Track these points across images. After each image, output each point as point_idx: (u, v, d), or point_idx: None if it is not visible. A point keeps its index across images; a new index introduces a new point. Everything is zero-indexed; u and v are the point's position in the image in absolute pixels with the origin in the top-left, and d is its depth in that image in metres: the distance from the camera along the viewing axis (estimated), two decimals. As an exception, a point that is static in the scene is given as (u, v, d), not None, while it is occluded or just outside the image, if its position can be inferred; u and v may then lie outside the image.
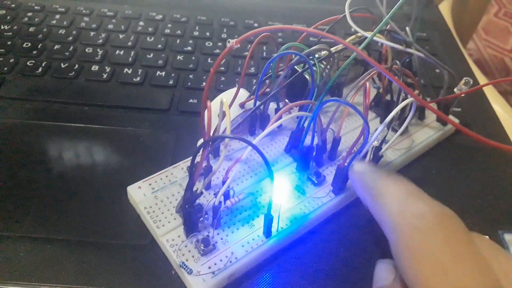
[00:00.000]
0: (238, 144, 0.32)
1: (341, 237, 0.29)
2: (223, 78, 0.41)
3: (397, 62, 0.29)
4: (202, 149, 0.22)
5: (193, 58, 0.43)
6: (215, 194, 0.25)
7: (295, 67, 0.31)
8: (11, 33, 0.44)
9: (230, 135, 0.21)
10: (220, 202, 0.25)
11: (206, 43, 0.45)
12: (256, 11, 0.52)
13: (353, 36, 0.32)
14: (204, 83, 0.40)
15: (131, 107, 0.37)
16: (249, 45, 0.45)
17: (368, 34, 0.28)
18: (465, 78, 0.34)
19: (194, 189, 0.24)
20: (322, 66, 0.32)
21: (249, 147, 0.22)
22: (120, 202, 0.29)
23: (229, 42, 0.23)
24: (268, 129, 0.24)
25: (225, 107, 0.23)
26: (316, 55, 0.31)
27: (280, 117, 0.25)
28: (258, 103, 0.30)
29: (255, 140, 0.22)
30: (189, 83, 0.40)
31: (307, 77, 0.32)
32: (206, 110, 0.23)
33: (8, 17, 0.46)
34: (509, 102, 0.48)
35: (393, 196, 0.22)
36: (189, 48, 0.44)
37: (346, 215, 0.30)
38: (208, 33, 0.47)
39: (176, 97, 0.38)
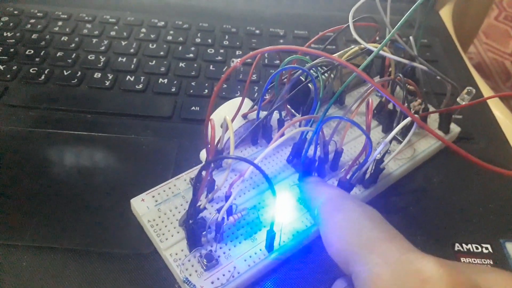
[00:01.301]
0: (241, 154, 0.32)
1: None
2: (225, 86, 0.41)
3: (400, 75, 0.29)
4: (205, 169, 0.22)
5: (195, 65, 0.43)
6: (218, 210, 0.25)
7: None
8: (13, 40, 0.44)
9: (233, 156, 0.21)
10: (223, 218, 0.25)
11: (208, 50, 0.45)
12: (257, 18, 0.52)
13: (356, 48, 0.32)
14: (206, 91, 0.40)
15: (133, 114, 0.37)
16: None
17: (372, 47, 0.28)
18: (467, 87, 0.34)
19: (198, 204, 0.24)
20: (325, 77, 0.32)
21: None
22: (122, 211, 0.29)
23: (233, 61, 0.23)
24: (271, 146, 0.24)
25: (229, 124, 0.23)
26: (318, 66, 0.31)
27: (283, 134, 0.25)
28: (261, 113, 0.30)
29: (257, 158, 0.22)
30: (191, 91, 0.40)
31: (310, 86, 0.32)
32: (210, 127, 0.23)
33: (11, 24, 0.46)
34: (509, 106, 0.48)
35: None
36: (191, 55, 0.44)
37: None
38: (210, 40, 0.47)
39: (179, 104, 0.39)
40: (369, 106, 0.26)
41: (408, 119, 0.25)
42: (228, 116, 0.23)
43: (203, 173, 0.23)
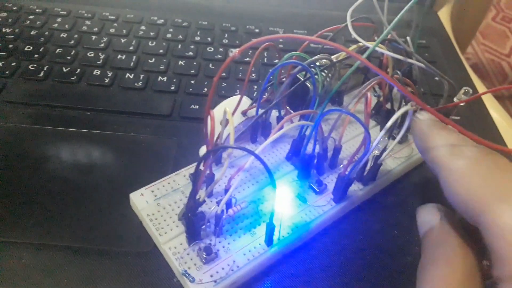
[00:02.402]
0: (241, 152, 0.32)
1: (342, 245, 0.29)
2: (224, 84, 0.41)
3: (398, 72, 0.29)
4: (204, 159, 0.22)
5: (195, 63, 0.43)
6: (218, 203, 0.25)
7: (297, 75, 0.32)
8: (12, 36, 0.44)
9: (233, 145, 0.21)
10: (222, 211, 0.25)
11: (208, 49, 0.45)
12: (257, 17, 0.52)
13: (355, 46, 0.32)
14: (205, 89, 0.40)
15: (132, 112, 0.37)
16: (250, 51, 0.45)
17: (370, 44, 0.28)
18: (464, 87, 0.34)
19: (197, 197, 0.24)
20: (324, 74, 0.32)
21: (252, 156, 0.22)
22: (122, 209, 0.29)
23: (231, 51, 0.23)
24: (270, 139, 0.24)
25: (229, 116, 0.23)
26: (317, 63, 0.31)
27: (282, 127, 0.25)
28: (260, 111, 0.30)
29: (258, 149, 0.23)
30: (191, 89, 0.40)
31: (309, 85, 0.32)
32: (209, 119, 0.23)
33: (10, 20, 0.46)
34: (506, 107, 0.48)
35: (444, 141, 0.23)
36: (191, 53, 0.44)
37: (346, 223, 0.30)
38: (209, 38, 0.47)
39: (178, 102, 0.39)
40: (368, 101, 0.26)
41: (404, 108, 0.25)
42: (228, 109, 0.24)
43: (202, 164, 0.23)
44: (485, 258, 0.21)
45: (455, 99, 0.34)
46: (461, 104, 0.33)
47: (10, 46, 0.43)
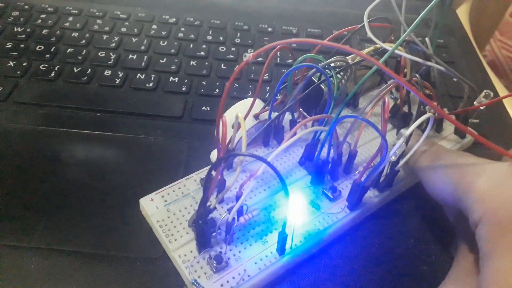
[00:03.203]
0: (252, 155, 0.31)
1: (355, 253, 0.28)
2: (236, 85, 0.40)
3: (417, 75, 0.28)
4: (216, 167, 0.22)
5: (206, 63, 0.42)
6: (229, 210, 0.24)
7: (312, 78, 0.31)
8: (24, 36, 0.44)
9: (245, 152, 0.20)
10: (233, 219, 0.24)
11: (220, 48, 0.45)
12: (270, 15, 0.51)
13: (371, 48, 0.31)
14: (217, 90, 0.39)
15: (143, 114, 0.37)
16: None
17: (388, 47, 0.27)
18: (485, 90, 0.33)
19: (208, 204, 0.24)
20: (339, 76, 0.31)
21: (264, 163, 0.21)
22: (131, 213, 0.28)
23: (245, 56, 0.22)
24: (283, 146, 0.23)
25: (241, 121, 0.23)
26: (332, 64, 0.30)
27: (295, 134, 0.24)
28: (273, 114, 0.29)
29: (270, 157, 0.22)
30: (202, 90, 0.39)
31: (324, 87, 0.32)
32: (221, 125, 0.22)
33: (22, 19, 0.46)
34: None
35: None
36: (203, 53, 0.44)
37: (360, 230, 0.29)
38: (221, 38, 0.46)
39: (189, 104, 0.38)
40: (385, 106, 0.25)
41: (424, 116, 0.24)
42: (240, 114, 0.23)
43: (214, 171, 0.22)
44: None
45: (475, 102, 0.33)
46: (481, 107, 0.32)
47: (22, 45, 0.43)
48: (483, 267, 0.21)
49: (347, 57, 0.33)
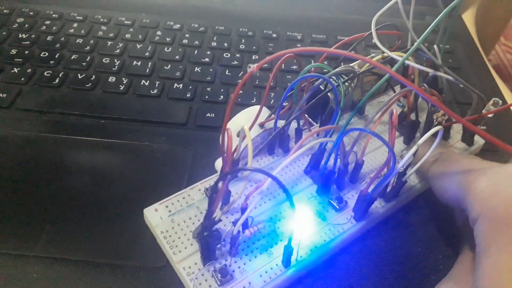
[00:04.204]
0: (257, 164, 0.31)
1: (360, 264, 0.28)
2: (241, 92, 0.40)
3: (425, 85, 0.28)
4: (221, 181, 0.21)
5: (211, 70, 0.42)
6: (234, 223, 0.24)
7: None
8: (28, 42, 0.44)
9: (251, 167, 0.20)
10: (238, 231, 0.24)
11: (224, 54, 0.44)
12: (274, 21, 0.51)
13: (379, 56, 0.31)
14: (221, 96, 0.39)
15: (147, 120, 0.37)
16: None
17: (396, 56, 0.27)
18: (493, 99, 0.33)
19: (213, 216, 0.24)
20: (346, 85, 0.31)
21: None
22: (135, 222, 0.28)
23: (249, 67, 0.22)
24: (290, 158, 0.23)
25: (247, 133, 0.22)
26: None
27: (301, 146, 0.24)
28: (279, 122, 0.29)
29: (275, 171, 0.21)
30: (207, 96, 0.39)
31: (330, 95, 0.31)
32: (227, 137, 0.22)
33: (26, 25, 0.46)
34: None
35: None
36: (207, 59, 0.43)
37: (366, 240, 0.29)
38: (226, 44, 0.46)
39: (194, 110, 0.38)
40: (393, 118, 0.25)
41: (435, 128, 0.24)
42: (246, 126, 0.23)
43: (219, 185, 0.22)
44: None
45: (483, 111, 0.32)
46: (489, 115, 0.32)
47: (26, 52, 0.42)
48: (479, 263, 0.21)
49: (353, 63, 0.32)
